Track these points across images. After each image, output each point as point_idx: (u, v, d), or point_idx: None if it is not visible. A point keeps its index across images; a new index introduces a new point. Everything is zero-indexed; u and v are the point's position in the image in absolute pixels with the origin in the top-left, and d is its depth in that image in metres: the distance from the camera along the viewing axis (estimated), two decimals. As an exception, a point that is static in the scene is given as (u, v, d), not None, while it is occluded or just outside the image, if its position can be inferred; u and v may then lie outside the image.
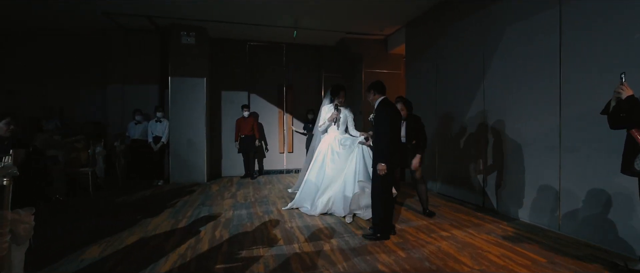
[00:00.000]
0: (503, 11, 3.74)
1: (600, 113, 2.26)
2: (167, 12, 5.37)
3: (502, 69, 3.76)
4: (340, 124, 3.85)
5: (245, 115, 6.35)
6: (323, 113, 3.90)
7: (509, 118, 3.64)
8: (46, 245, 2.78)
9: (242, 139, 6.33)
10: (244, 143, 6.36)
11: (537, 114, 3.30)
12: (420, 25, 5.48)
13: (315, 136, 4.20)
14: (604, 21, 2.70)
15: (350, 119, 3.96)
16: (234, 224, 3.41)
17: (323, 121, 3.88)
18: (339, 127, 3.86)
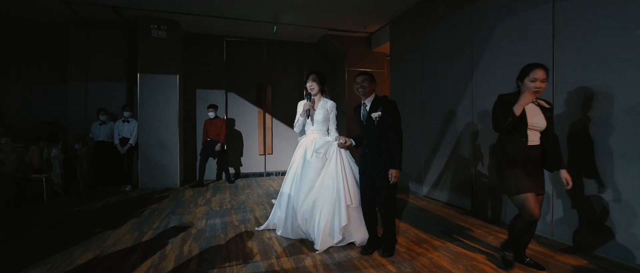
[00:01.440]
0: (492, 6, 3.59)
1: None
2: (135, 3, 4.92)
3: (491, 65, 3.61)
4: (317, 121, 2.94)
5: (211, 116, 5.83)
6: (298, 109, 3.06)
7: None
8: (-23, 269, 2.36)
9: (207, 143, 5.81)
10: (208, 147, 5.81)
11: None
12: (406, 22, 5.30)
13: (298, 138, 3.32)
14: (598, 17, 2.57)
15: (332, 117, 3.01)
16: (205, 236, 3.07)
17: (297, 118, 3.04)
18: (314, 123, 2.96)
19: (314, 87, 2.96)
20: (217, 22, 5.73)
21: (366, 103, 2.60)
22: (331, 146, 2.86)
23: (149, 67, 5.51)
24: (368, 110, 2.55)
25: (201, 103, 6.43)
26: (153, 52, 5.51)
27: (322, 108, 2.98)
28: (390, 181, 2.39)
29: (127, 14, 5.37)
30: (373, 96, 2.60)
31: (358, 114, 2.67)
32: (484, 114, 3.70)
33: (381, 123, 2.46)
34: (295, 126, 3.06)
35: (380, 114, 2.45)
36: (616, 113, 2.47)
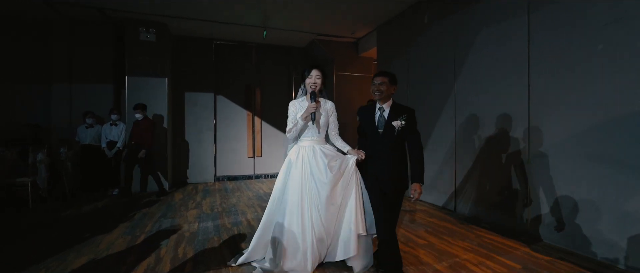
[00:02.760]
0: (474, 16, 3.80)
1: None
2: (122, 4, 4.90)
3: (473, 71, 3.81)
4: (320, 125, 2.39)
5: (138, 117, 5.05)
6: (291, 110, 2.45)
7: (480, 120, 3.70)
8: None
9: (131, 147, 5.07)
10: (132, 152, 5.05)
11: (506, 119, 3.37)
12: (392, 29, 5.49)
13: (286, 145, 2.62)
14: (569, 28, 2.79)
15: (332, 120, 2.48)
16: (199, 239, 3.13)
17: (293, 122, 2.40)
18: (320, 130, 2.40)
19: (317, 85, 2.36)
20: (206, 25, 5.76)
21: (384, 108, 2.24)
22: (345, 160, 2.31)
23: (137, 70, 5.48)
24: (386, 117, 2.21)
25: (190, 105, 6.44)
26: (141, 55, 5.49)
27: (323, 110, 2.43)
28: (413, 198, 2.16)
29: (114, 16, 5.34)
30: (391, 101, 2.26)
31: (369, 118, 2.28)
32: (466, 117, 3.90)
33: (402, 132, 2.17)
34: (290, 132, 2.41)
35: (404, 124, 2.15)
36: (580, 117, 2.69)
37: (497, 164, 3.50)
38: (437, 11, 4.39)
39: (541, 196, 3.04)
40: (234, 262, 2.49)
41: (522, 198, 3.23)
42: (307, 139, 2.42)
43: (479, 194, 3.74)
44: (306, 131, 2.42)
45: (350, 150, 2.38)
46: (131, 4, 4.85)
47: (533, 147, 3.11)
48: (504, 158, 3.43)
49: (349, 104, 6.74)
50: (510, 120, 3.33)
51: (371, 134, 2.27)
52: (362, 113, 2.36)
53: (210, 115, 6.57)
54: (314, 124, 2.37)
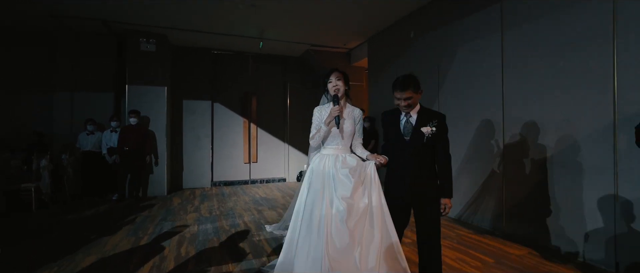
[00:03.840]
0: (453, 32, 4.11)
1: (635, 127, 2.03)
2: (125, 17, 5.13)
3: (454, 82, 4.11)
4: (346, 133, 2.19)
5: (133, 122, 5.32)
6: (316, 116, 2.27)
7: (460, 128, 3.99)
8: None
9: (124, 153, 5.24)
10: (127, 158, 5.27)
11: (485, 126, 3.66)
12: (381, 41, 5.80)
13: (309, 156, 2.43)
14: (538, 46, 3.11)
15: (358, 128, 2.28)
16: (199, 239, 3.34)
17: (317, 128, 2.22)
18: (345, 138, 2.20)
19: (339, 88, 2.17)
20: (205, 36, 6.01)
21: (410, 113, 2.09)
22: (363, 166, 2.09)
23: (137, 79, 5.69)
24: (414, 123, 2.06)
25: (188, 113, 6.65)
26: (142, 65, 5.71)
27: (350, 117, 2.23)
28: (443, 213, 2.02)
29: (116, 27, 5.56)
30: (419, 106, 2.12)
31: (394, 124, 2.13)
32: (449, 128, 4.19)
33: (432, 140, 2.02)
34: (313, 139, 2.23)
35: (434, 131, 2.00)
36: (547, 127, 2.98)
37: (475, 167, 3.78)
38: (421, 27, 4.70)
39: (517, 197, 3.32)
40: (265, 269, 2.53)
41: (496, 199, 3.51)
42: (330, 147, 2.21)
43: (457, 196, 4.01)
44: (330, 139, 2.20)
45: (369, 155, 2.17)
46: (133, 16, 5.08)
47: (507, 152, 3.40)
48: (481, 162, 3.71)
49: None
50: (490, 126, 3.62)
51: (396, 142, 2.11)
52: (386, 118, 2.21)
53: (207, 122, 6.78)
54: (338, 130, 2.15)
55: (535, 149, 3.11)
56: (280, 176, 7.45)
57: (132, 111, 5.42)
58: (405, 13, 4.95)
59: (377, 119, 5.74)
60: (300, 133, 7.51)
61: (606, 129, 2.58)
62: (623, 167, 2.48)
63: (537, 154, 3.09)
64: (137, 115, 5.40)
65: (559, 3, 2.93)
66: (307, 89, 7.65)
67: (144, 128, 5.59)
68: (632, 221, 2.43)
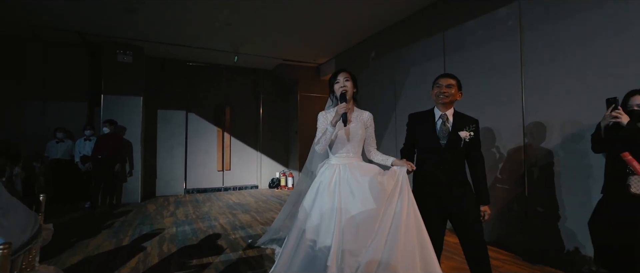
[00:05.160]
0: (404, 56, 4.77)
1: (591, 135, 2.27)
2: (102, 30, 5.33)
3: (407, 102, 4.75)
4: (354, 137, 2.00)
5: (105, 131, 5.42)
6: (321, 121, 2.08)
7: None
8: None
9: (98, 161, 5.31)
10: (100, 166, 5.32)
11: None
12: (347, 58, 6.40)
13: (311, 160, 2.27)
14: (473, 70, 3.79)
15: (370, 133, 2.10)
16: (179, 239, 3.63)
17: (323, 130, 1.99)
18: (350, 140, 1.99)
19: (347, 89, 2.01)
20: (180, 49, 6.29)
21: (447, 116, 2.01)
22: (395, 174, 1.88)
23: (113, 89, 5.85)
24: (451, 126, 1.98)
25: (163, 123, 6.83)
26: (118, 75, 5.87)
27: (358, 120, 2.05)
28: (483, 220, 1.95)
29: (91, 39, 5.70)
30: (453, 109, 2.05)
31: (428, 127, 2.03)
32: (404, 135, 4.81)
33: (468, 145, 1.96)
34: (318, 143, 1.98)
35: (472, 135, 1.95)
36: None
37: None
38: (381, 48, 5.35)
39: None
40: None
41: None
42: (340, 155, 1.99)
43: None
44: (338, 146, 2.00)
45: (396, 161, 1.97)
46: (111, 29, 5.29)
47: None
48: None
49: (312, 122, 7.52)
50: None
51: (429, 147, 2.00)
52: (417, 120, 2.11)
53: (181, 131, 6.99)
54: (345, 135, 1.98)
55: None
56: (253, 183, 7.76)
57: (106, 120, 5.56)
58: (367, 35, 5.59)
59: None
60: (273, 142, 7.91)
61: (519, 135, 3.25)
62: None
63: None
64: (111, 124, 5.54)
65: (484, 36, 3.63)
66: (279, 100, 8.09)
67: (120, 136, 5.74)
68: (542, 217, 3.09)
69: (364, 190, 1.81)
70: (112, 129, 5.53)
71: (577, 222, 2.77)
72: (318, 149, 2.00)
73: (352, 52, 6.20)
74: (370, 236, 1.72)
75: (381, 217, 1.75)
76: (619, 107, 2.06)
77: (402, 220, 1.74)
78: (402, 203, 1.79)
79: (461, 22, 3.91)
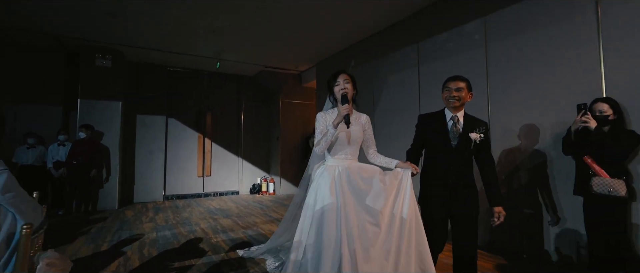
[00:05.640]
0: (382, 65, 5.01)
1: (562, 138, 2.51)
2: (80, 33, 5.26)
3: (385, 106, 4.98)
4: (354, 139, 2.02)
5: (81, 136, 5.33)
6: (320, 122, 2.06)
7: (391, 147, 4.82)
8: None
9: (73, 167, 5.21)
10: (75, 172, 5.24)
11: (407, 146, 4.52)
12: (328, 66, 6.59)
13: (311, 165, 2.27)
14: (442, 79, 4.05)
15: (369, 136, 2.14)
16: (160, 243, 3.63)
17: (322, 133, 1.98)
18: (355, 147, 2.04)
19: (347, 91, 2.01)
20: (162, 54, 6.27)
21: (458, 117, 2.01)
22: (398, 176, 1.93)
23: (91, 93, 5.75)
24: (461, 127, 1.98)
25: (142, 128, 6.74)
26: (96, 80, 5.79)
27: (357, 122, 2.07)
28: (495, 223, 1.93)
29: (69, 42, 5.61)
30: (464, 111, 2.05)
31: (440, 128, 2.03)
32: (380, 142, 5.02)
33: (477, 147, 1.97)
34: (319, 145, 1.95)
35: (482, 137, 1.95)
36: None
37: (403, 176, 4.60)
38: (360, 58, 5.58)
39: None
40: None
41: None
42: (338, 157, 2.00)
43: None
44: (337, 147, 2.00)
45: (400, 163, 1.99)
46: (90, 33, 5.23)
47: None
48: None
49: (294, 128, 7.66)
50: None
51: (440, 148, 2.01)
52: (428, 121, 2.11)
53: (161, 137, 6.92)
54: (346, 137, 1.99)
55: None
56: (234, 189, 7.75)
57: (83, 125, 5.45)
58: (347, 45, 5.81)
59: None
60: (254, 148, 7.96)
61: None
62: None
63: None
64: (88, 129, 5.44)
65: (454, 48, 3.91)
66: (261, 106, 8.16)
67: (96, 141, 5.63)
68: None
69: (369, 190, 1.81)
70: (88, 134, 5.43)
71: (540, 223, 3.03)
72: (318, 150, 1.98)
73: (333, 60, 6.41)
74: (377, 235, 1.73)
75: (386, 216, 1.77)
76: (588, 112, 2.25)
77: (404, 220, 1.77)
78: (404, 204, 1.81)
79: (434, 35, 4.19)
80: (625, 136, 2.22)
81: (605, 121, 2.26)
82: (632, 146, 2.21)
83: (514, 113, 3.28)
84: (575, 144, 2.36)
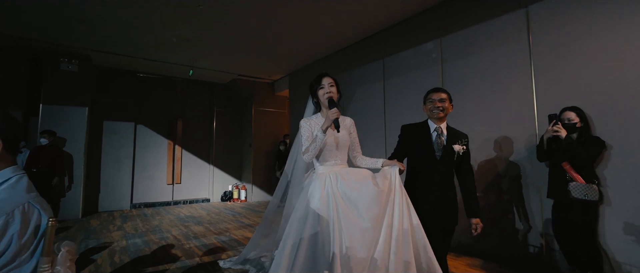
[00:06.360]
0: (351, 78, 5.35)
1: (536, 146, 2.74)
2: (46, 36, 5.12)
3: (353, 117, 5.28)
4: (342, 144, 1.97)
5: (43, 143, 5.11)
6: (305, 128, 1.98)
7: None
8: None
9: (33, 174, 4.92)
10: (35, 179, 5.13)
11: (371, 153, 4.85)
12: (301, 76, 6.85)
13: (295, 174, 2.18)
14: (405, 92, 4.43)
15: (354, 139, 2.12)
16: (131, 250, 3.63)
17: (310, 139, 1.92)
18: (339, 148, 1.95)
19: (332, 95, 1.94)
20: (132, 59, 6.21)
21: (441, 129, 2.05)
22: (384, 173, 1.86)
23: (54, 98, 5.56)
24: (445, 139, 2.02)
25: (109, 134, 6.57)
26: (61, 84, 5.61)
27: (343, 126, 2.00)
28: (475, 233, 1.98)
29: (34, 44, 5.42)
30: (446, 123, 2.09)
31: (424, 140, 2.04)
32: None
33: (460, 158, 2.02)
34: (307, 152, 1.88)
35: (465, 149, 2.01)
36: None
37: (370, 182, 4.91)
38: (331, 70, 5.89)
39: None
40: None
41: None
42: (328, 164, 1.93)
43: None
44: (327, 154, 1.92)
45: (386, 162, 1.94)
46: (57, 36, 5.10)
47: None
48: (373, 177, 4.86)
49: (266, 136, 7.80)
50: (376, 152, 4.82)
51: (425, 159, 2.02)
52: (412, 132, 2.12)
53: (129, 143, 6.78)
54: (335, 142, 1.92)
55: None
56: (205, 196, 7.70)
57: (44, 131, 5.23)
58: (318, 57, 6.11)
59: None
60: (226, 155, 7.99)
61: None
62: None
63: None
64: (50, 135, 5.23)
65: (415, 65, 4.31)
66: (233, 113, 8.23)
67: (59, 148, 5.42)
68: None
69: (363, 196, 1.73)
70: (50, 141, 5.23)
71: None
72: (306, 158, 1.89)
73: (305, 71, 6.67)
74: (374, 242, 1.65)
75: (383, 220, 1.70)
76: (559, 122, 2.40)
77: (400, 221, 1.70)
78: (397, 204, 1.75)
79: (398, 52, 4.58)
80: (590, 142, 2.44)
81: (573, 128, 2.46)
82: (598, 151, 2.44)
83: (465, 126, 3.68)
84: (548, 151, 2.52)
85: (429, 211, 1.94)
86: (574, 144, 2.37)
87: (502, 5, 3.38)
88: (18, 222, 0.96)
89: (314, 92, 2.02)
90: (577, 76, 2.81)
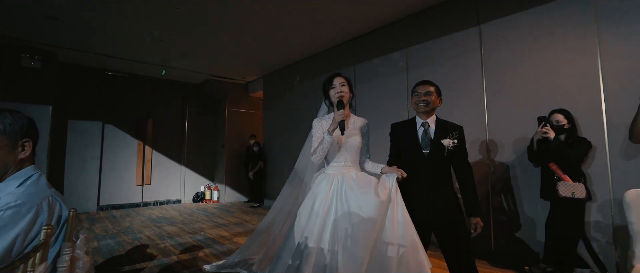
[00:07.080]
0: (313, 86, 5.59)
1: (527, 147, 2.82)
2: (6, 30, 4.88)
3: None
4: (352, 145, 1.94)
5: None
6: (317, 129, 2.00)
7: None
8: None
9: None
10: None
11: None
12: (275, 79, 7.00)
13: (304, 168, 2.33)
14: (377, 99, 4.75)
15: (365, 141, 2.07)
16: (104, 251, 3.62)
17: (319, 139, 1.91)
18: (348, 149, 1.94)
19: (343, 94, 1.93)
20: (100, 57, 6.04)
21: (428, 123, 1.96)
22: (382, 181, 1.84)
23: (14, 96, 5.30)
24: (433, 134, 1.93)
25: (74, 134, 6.34)
26: (22, 82, 5.36)
27: (354, 127, 2.01)
28: (473, 234, 1.85)
29: (-9, 40, 5.15)
30: (435, 116, 1.99)
31: (410, 136, 1.97)
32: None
33: (451, 153, 1.88)
34: (315, 153, 1.89)
35: (456, 143, 1.87)
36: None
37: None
38: (305, 74, 6.11)
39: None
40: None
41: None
42: (336, 165, 1.92)
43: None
44: (335, 155, 1.92)
45: (385, 168, 1.91)
46: (20, 31, 4.89)
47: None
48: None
49: (239, 137, 7.86)
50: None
51: (412, 156, 1.94)
52: (399, 129, 2.05)
53: (96, 144, 6.58)
54: (343, 144, 1.92)
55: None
56: (176, 197, 7.62)
57: None
58: (292, 61, 6.30)
59: (268, 145, 6.83)
60: (198, 156, 7.94)
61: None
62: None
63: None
64: None
65: (384, 72, 4.64)
66: (206, 114, 8.20)
67: None
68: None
69: (361, 203, 1.72)
70: None
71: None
72: (315, 159, 1.89)
73: (279, 74, 6.84)
74: (368, 249, 1.63)
75: (379, 228, 1.68)
76: (547, 124, 2.49)
77: (395, 229, 1.69)
78: (393, 212, 1.72)
79: (368, 59, 4.89)
80: (578, 143, 2.54)
81: (561, 130, 2.57)
82: (585, 151, 2.54)
83: (428, 128, 4.05)
84: (538, 152, 2.62)
85: (421, 213, 1.83)
86: (562, 145, 2.48)
87: (458, 22, 3.78)
88: (46, 212, 1.10)
89: (326, 92, 2.01)
90: (523, 86, 3.24)
